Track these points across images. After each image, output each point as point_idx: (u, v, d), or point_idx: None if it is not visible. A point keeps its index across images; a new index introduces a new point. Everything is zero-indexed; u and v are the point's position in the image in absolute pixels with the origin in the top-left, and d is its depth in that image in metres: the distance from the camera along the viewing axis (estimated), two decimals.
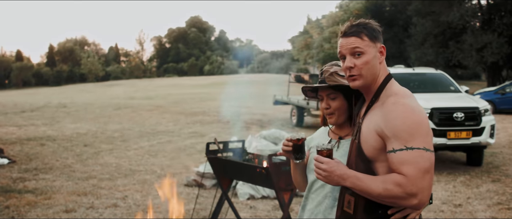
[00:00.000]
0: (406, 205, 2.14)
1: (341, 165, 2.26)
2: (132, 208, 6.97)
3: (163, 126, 16.88)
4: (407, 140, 2.13)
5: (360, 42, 2.29)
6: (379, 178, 2.18)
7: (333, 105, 2.57)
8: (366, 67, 2.30)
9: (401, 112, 2.18)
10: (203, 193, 7.79)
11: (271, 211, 7.03)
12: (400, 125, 2.15)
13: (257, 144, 8.28)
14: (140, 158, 10.98)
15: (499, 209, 7.31)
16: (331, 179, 2.25)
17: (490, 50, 27.81)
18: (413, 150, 2.12)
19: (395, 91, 2.31)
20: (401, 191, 2.10)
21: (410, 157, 2.11)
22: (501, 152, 12.20)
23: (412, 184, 2.09)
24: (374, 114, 2.29)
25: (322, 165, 2.27)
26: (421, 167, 2.10)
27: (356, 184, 2.20)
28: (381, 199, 2.16)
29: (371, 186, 2.16)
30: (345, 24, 2.37)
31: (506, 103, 22.83)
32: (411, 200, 2.10)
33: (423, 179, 2.10)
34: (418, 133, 2.14)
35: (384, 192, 2.12)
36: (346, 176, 2.22)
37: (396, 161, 2.13)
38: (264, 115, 20.81)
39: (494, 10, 30.14)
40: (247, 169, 5.35)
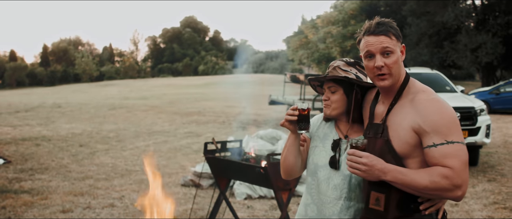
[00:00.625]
0: (451, 197, 2.20)
1: (380, 159, 2.26)
2: (129, 208, 6.96)
3: (158, 126, 16.86)
4: (447, 134, 2.20)
5: (389, 42, 2.31)
6: (422, 171, 2.22)
7: (332, 98, 2.60)
8: (395, 67, 2.33)
9: (438, 108, 2.24)
10: (200, 193, 7.78)
11: (268, 210, 7.03)
12: (439, 120, 2.21)
13: (254, 143, 8.25)
14: (136, 158, 10.96)
15: (495, 208, 7.34)
16: (371, 173, 2.24)
17: (485, 51, 27.91)
18: (454, 144, 2.19)
19: (422, 88, 2.36)
20: (448, 183, 2.16)
21: (452, 150, 2.18)
22: (496, 151, 12.24)
23: (458, 176, 2.16)
24: (404, 111, 2.32)
25: (362, 159, 2.25)
26: (463, 159, 2.19)
27: (398, 178, 2.22)
28: (426, 191, 2.20)
29: (416, 179, 2.19)
30: (370, 22, 2.37)
31: (501, 103, 22.94)
32: (456, 191, 2.18)
33: (465, 171, 2.19)
34: (455, 128, 2.22)
35: (431, 184, 2.17)
36: (387, 169, 2.24)
37: (439, 155, 2.19)
38: (260, 115, 20.81)
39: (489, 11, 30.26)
40: (245, 168, 5.35)
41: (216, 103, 26.52)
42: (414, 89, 2.35)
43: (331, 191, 2.54)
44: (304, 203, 2.70)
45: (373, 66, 2.33)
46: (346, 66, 2.60)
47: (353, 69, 2.59)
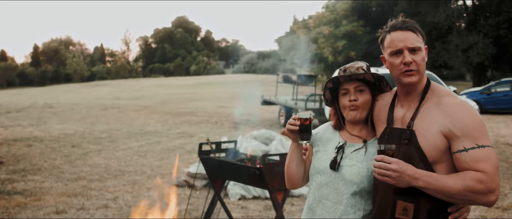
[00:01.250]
0: (484, 202, 2.17)
1: (409, 165, 2.20)
2: (123, 209, 6.94)
3: (151, 126, 16.82)
4: (478, 138, 2.17)
5: (417, 39, 2.31)
6: (454, 176, 2.18)
7: (361, 98, 2.53)
8: (423, 64, 2.32)
9: (467, 112, 2.23)
10: (194, 194, 7.77)
11: (262, 211, 7.03)
12: (469, 124, 2.19)
13: (248, 144, 8.27)
14: (129, 158, 10.93)
15: (488, 209, 7.38)
16: (401, 180, 2.18)
17: (476, 51, 28.07)
18: (485, 148, 2.17)
19: (446, 91, 2.35)
20: (483, 187, 2.12)
21: (483, 154, 2.15)
22: None
23: (491, 180, 2.13)
24: (431, 115, 2.28)
25: (392, 165, 2.18)
26: (495, 163, 2.16)
27: (430, 183, 2.17)
28: (460, 197, 2.15)
29: (448, 184, 2.15)
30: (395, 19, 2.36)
31: (492, 104, 23.07)
32: (491, 196, 2.15)
33: (497, 175, 2.16)
34: (484, 131, 2.21)
35: (465, 189, 2.13)
36: (418, 175, 2.18)
37: (470, 160, 2.16)
38: (252, 115, 20.80)
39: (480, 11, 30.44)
40: (240, 169, 5.34)
41: (208, 103, 26.50)
42: (438, 92, 2.32)
43: (332, 195, 2.50)
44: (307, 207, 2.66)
45: (400, 63, 2.30)
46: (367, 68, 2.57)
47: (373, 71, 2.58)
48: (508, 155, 11.91)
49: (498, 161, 2.18)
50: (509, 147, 13.28)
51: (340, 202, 2.46)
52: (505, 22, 28.60)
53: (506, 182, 9.15)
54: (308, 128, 2.54)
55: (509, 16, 28.55)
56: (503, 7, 28.64)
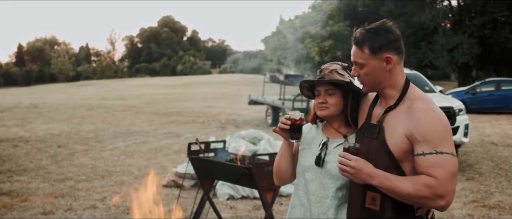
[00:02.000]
0: (433, 206, 2.23)
1: (369, 163, 2.31)
2: (111, 209, 6.90)
3: (137, 126, 16.75)
4: (437, 144, 2.21)
5: (360, 56, 2.39)
6: (408, 179, 2.25)
7: (330, 100, 2.62)
8: (367, 78, 2.41)
9: (432, 118, 2.26)
10: (182, 194, 7.74)
11: (251, 211, 7.03)
12: (431, 129, 2.23)
13: (236, 144, 8.25)
14: (116, 158, 10.87)
15: (475, 207, 7.45)
16: (357, 176, 2.31)
17: (461, 51, 28.29)
18: (442, 154, 2.20)
19: (420, 96, 2.39)
20: (430, 192, 2.18)
21: (439, 160, 2.20)
22: (473, 151, 12.42)
23: (441, 186, 2.18)
24: (400, 117, 2.34)
25: (351, 162, 2.31)
26: (449, 170, 2.19)
27: (384, 183, 2.26)
28: (409, 199, 2.23)
29: (399, 186, 2.23)
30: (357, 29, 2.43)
31: (477, 103, 23.30)
32: (439, 201, 2.19)
33: (451, 182, 2.19)
34: (446, 138, 2.24)
35: (414, 192, 2.20)
36: (374, 174, 2.28)
37: (426, 164, 2.21)
38: (239, 115, 20.80)
39: (465, 12, 30.69)
40: (230, 169, 5.34)
41: (195, 103, 26.43)
42: (413, 96, 2.37)
43: (319, 190, 2.58)
44: (291, 205, 2.75)
45: None
46: (342, 70, 2.65)
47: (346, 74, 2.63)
48: (493, 154, 12.03)
49: (457, 168, 2.21)
50: (494, 146, 13.41)
51: (327, 196, 2.55)
52: (489, 23, 28.86)
53: (491, 180, 9.24)
54: (299, 128, 2.64)
55: (493, 16, 28.82)
56: (487, 8, 28.90)
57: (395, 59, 2.38)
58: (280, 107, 17.07)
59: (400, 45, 2.40)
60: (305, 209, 2.64)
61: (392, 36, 2.37)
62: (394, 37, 2.37)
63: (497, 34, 28.59)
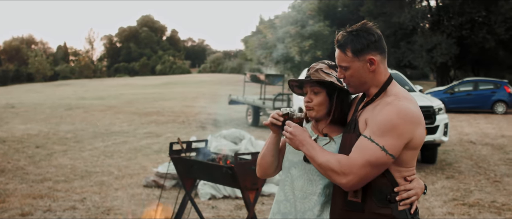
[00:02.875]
0: (335, 181, 2.30)
1: (306, 133, 2.46)
2: (91, 210, 6.81)
3: (117, 126, 16.60)
4: (374, 132, 2.27)
5: (343, 58, 2.43)
6: (328, 153, 2.37)
7: (315, 99, 2.61)
8: (352, 80, 2.46)
9: (386, 111, 2.29)
10: (163, 194, 7.67)
11: (233, 210, 7.00)
12: (379, 119, 2.29)
13: (218, 143, 8.23)
14: (95, 159, 10.75)
15: (455, 205, 7.52)
16: (293, 142, 2.45)
17: (440, 51, 28.56)
18: (371, 142, 2.26)
19: (395, 93, 2.41)
20: (337, 166, 2.28)
21: (364, 145, 2.28)
22: (453, 149, 12.54)
23: (348, 165, 2.26)
24: (371, 110, 2.38)
25: (289, 128, 2.46)
26: (365, 157, 2.25)
27: (308, 151, 2.40)
28: (321, 169, 2.35)
29: (317, 155, 2.36)
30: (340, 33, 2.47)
31: (455, 103, 23.58)
32: (341, 177, 2.28)
33: (362, 167, 2.25)
34: (388, 133, 2.25)
35: (325, 162, 2.31)
36: (305, 142, 2.41)
37: (357, 141, 2.32)
38: (220, 114, 20.74)
39: (443, 12, 30.99)
40: (212, 168, 5.31)
41: (175, 103, 26.29)
42: (389, 93, 2.40)
43: (306, 186, 2.57)
44: (277, 200, 2.73)
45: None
46: (328, 69, 2.64)
47: (333, 72, 2.62)
48: (472, 153, 12.16)
49: (376, 161, 2.23)
50: (473, 144, 13.56)
51: (315, 193, 2.55)
52: (467, 23, 29.19)
53: (471, 179, 9.33)
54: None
55: (471, 17, 29.16)
56: (465, 8, 29.22)
57: (378, 59, 2.40)
58: (260, 107, 17.05)
59: (381, 45, 2.42)
60: (291, 205, 2.62)
61: (373, 37, 2.39)
62: (375, 38, 2.39)
63: (474, 34, 28.93)
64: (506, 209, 7.33)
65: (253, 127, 16.92)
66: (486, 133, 16.27)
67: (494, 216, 6.98)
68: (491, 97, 23.95)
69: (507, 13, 28.38)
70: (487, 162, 11.06)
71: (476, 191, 8.39)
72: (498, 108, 23.72)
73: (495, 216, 7.00)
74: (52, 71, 73.58)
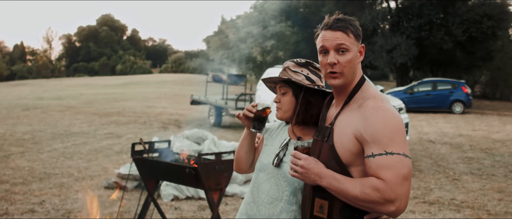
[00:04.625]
0: (383, 211, 2.08)
1: (319, 163, 2.20)
2: (51, 213, 6.64)
3: (76, 127, 16.27)
4: (387, 145, 2.07)
5: (346, 39, 2.23)
6: (357, 181, 2.11)
7: (283, 99, 2.56)
8: (348, 66, 2.25)
9: (382, 117, 2.13)
10: (125, 195, 7.55)
11: (196, 211, 6.94)
12: (381, 129, 2.10)
13: (180, 144, 8.15)
14: (54, 160, 10.50)
15: (416, 203, 7.64)
16: (307, 177, 2.18)
17: (399, 52, 29.00)
18: (393, 155, 2.06)
19: (373, 94, 2.26)
20: (379, 196, 2.03)
21: (389, 162, 2.05)
22: (412, 149, 12.74)
23: (390, 190, 2.03)
24: (351, 117, 2.22)
25: (300, 161, 2.20)
26: (400, 172, 2.04)
27: (333, 185, 2.13)
28: (358, 202, 2.09)
29: (348, 188, 2.09)
30: (330, 17, 2.30)
31: (414, 103, 24.04)
32: (389, 206, 2.04)
33: (402, 185, 2.04)
34: (398, 139, 2.10)
35: (361, 195, 2.06)
36: (324, 174, 2.16)
37: (375, 166, 2.07)
38: (181, 115, 20.59)
39: (403, 14, 31.48)
40: (175, 169, 5.24)
41: (135, 103, 25.97)
42: (366, 94, 2.26)
43: (272, 191, 2.48)
44: (245, 201, 2.66)
45: (326, 63, 2.25)
46: (296, 67, 2.56)
47: (304, 70, 2.54)
48: (431, 152, 12.38)
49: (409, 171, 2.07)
50: (432, 144, 13.82)
51: (281, 199, 2.45)
52: (426, 25, 29.73)
53: (431, 177, 9.50)
54: (262, 119, 2.55)
55: (430, 18, 29.70)
56: (424, 10, 29.76)
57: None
58: (223, 107, 16.99)
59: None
60: (257, 208, 2.54)
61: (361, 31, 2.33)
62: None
63: (433, 35, 29.49)
64: (465, 207, 7.48)
65: (215, 127, 16.84)
66: (445, 132, 16.61)
67: (453, 214, 7.11)
68: (449, 97, 24.51)
69: (464, 15, 29.04)
70: (446, 160, 11.28)
71: (436, 189, 8.54)
72: (456, 108, 24.29)
73: (454, 213, 7.13)
74: (8, 71, 71.79)
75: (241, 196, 7.75)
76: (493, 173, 10.01)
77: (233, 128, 17.16)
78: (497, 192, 8.40)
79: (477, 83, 41.46)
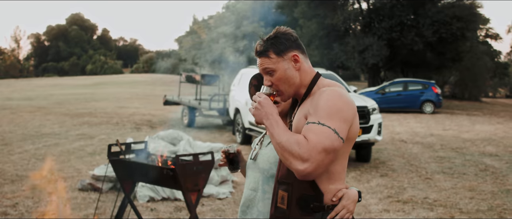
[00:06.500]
0: (293, 167, 2.19)
1: (275, 108, 2.35)
2: (25, 215, 6.54)
3: (47, 128, 16.03)
4: (322, 117, 2.22)
5: (268, 62, 2.40)
6: (289, 132, 2.26)
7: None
8: (281, 83, 2.41)
9: (327, 95, 2.28)
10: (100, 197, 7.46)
11: (173, 212, 6.90)
12: (322, 104, 2.25)
13: (156, 145, 8.09)
14: (26, 162, 10.33)
15: (390, 202, 7.74)
16: (259, 113, 2.34)
17: (371, 52, 29.30)
18: (323, 126, 2.20)
19: (327, 83, 2.41)
20: (296, 150, 2.17)
21: (317, 129, 2.19)
22: (385, 148, 12.89)
23: (307, 150, 2.15)
24: (305, 106, 2.37)
25: (259, 98, 2.36)
26: (322, 141, 2.17)
27: (272, 126, 2.28)
28: (281, 149, 2.22)
29: (279, 133, 2.25)
30: (257, 42, 2.46)
31: (386, 103, 24.31)
32: (300, 163, 2.17)
33: (319, 153, 2.16)
34: (335, 116, 2.23)
35: (285, 143, 2.20)
36: (271, 116, 2.31)
37: (305, 129, 2.22)
38: (154, 115, 20.46)
39: (374, 15, 31.80)
40: (153, 170, 5.21)
41: (107, 104, 25.70)
42: (321, 85, 2.41)
43: (252, 183, 2.64)
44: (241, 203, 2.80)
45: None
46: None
47: None
48: (404, 151, 12.55)
49: (332, 146, 2.18)
50: (404, 143, 14.00)
51: (257, 189, 2.61)
52: (397, 26, 30.10)
53: (404, 176, 9.63)
54: (233, 159, 2.83)
55: (401, 20, 30.07)
56: (395, 11, 30.13)
57: (301, 57, 2.43)
58: (196, 107, 16.93)
59: (300, 44, 2.46)
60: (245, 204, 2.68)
61: (291, 37, 2.43)
62: (293, 38, 2.44)
63: (404, 36, 29.86)
64: (438, 205, 7.60)
65: (189, 128, 16.78)
66: (416, 131, 16.85)
67: (427, 212, 7.23)
68: (420, 97, 24.89)
69: (434, 17, 29.49)
70: (418, 160, 11.44)
71: (409, 188, 8.66)
72: (426, 108, 24.67)
73: (428, 212, 7.25)
74: None
75: (217, 197, 7.74)
76: (464, 172, 10.20)
77: (206, 128, 17.13)
78: (468, 191, 8.55)
79: (447, 83, 42.18)
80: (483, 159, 11.74)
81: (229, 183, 8.33)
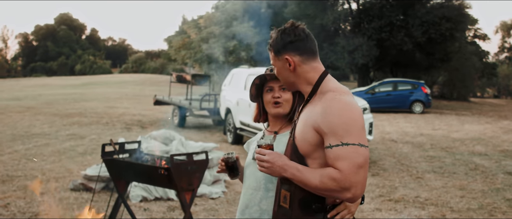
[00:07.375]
0: (341, 198, 2.20)
1: (283, 156, 2.34)
2: (17, 216, 6.51)
3: (37, 128, 15.94)
4: (343, 136, 2.18)
5: (271, 57, 2.50)
6: (317, 171, 2.23)
7: (284, 96, 2.75)
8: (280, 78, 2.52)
9: (337, 109, 2.23)
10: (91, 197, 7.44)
11: (166, 212, 6.90)
12: (336, 120, 2.20)
13: (148, 144, 8.08)
14: (16, 162, 10.27)
15: (382, 201, 7.78)
16: (273, 170, 2.32)
17: (361, 53, 29.39)
18: (348, 146, 2.17)
19: (332, 88, 2.35)
20: (336, 185, 2.15)
21: (345, 152, 2.16)
22: (376, 148, 12.95)
23: (345, 179, 2.14)
24: (311, 110, 2.33)
25: (264, 156, 2.34)
26: (355, 162, 2.15)
27: (295, 175, 2.26)
28: (318, 191, 2.22)
29: (309, 178, 2.22)
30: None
31: (376, 103, 24.40)
32: (345, 193, 2.16)
33: (357, 174, 2.15)
34: (353, 129, 2.20)
35: (320, 185, 2.19)
36: (287, 166, 2.29)
37: (332, 156, 2.18)
38: (144, 115, 20.40)
39: (364, 15, 31.91)
40: (147, 170, 5.21)
41: (97, 104, 25.59)
42: (325, 89, 2.35)
43: (253, 183, 2.66)
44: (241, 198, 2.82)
45: None
46: None
47: None
48: (394, 151, 12.62)
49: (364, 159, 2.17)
50: (394, 143, 14.08)
51: (259, 189, 2.63)
52: (386, 26, 30.22)
53: (395, 175, 9.69)
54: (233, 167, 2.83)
55: (390, 20, 30.20)
56: (385, 12, 30.25)
57: (296, 60, 2.39)
58: (187, 107, 16.91)
59: (300, 46, 2.40)
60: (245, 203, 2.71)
61: (289, 37, 2.39)
62: (291, 39, 2.39)
63: (393, 37, 29.98)
64: (429, 204, 7.66)
65: (180, 128, 16.75)
66: (406, 131, 16.94)
67: (418, 211, 7.28)
68: (409, 97, 25.02)
69: (423, 17, 29.64)
70: (408, 159, 11.51)
71: (400, 187, 8.72)
72: (416, 108, 24.82)
73: (419, 211, 7.30)
74: None
75: (210, 196, 7.75)
76: (454, 171, 10.27)
77: (197, 128, 17.12)
78: (459, 189, 8.62)
79: (435, 83, 42.41)
80: (473, 158, 11.83)
81: (221, 182, 8.34)
